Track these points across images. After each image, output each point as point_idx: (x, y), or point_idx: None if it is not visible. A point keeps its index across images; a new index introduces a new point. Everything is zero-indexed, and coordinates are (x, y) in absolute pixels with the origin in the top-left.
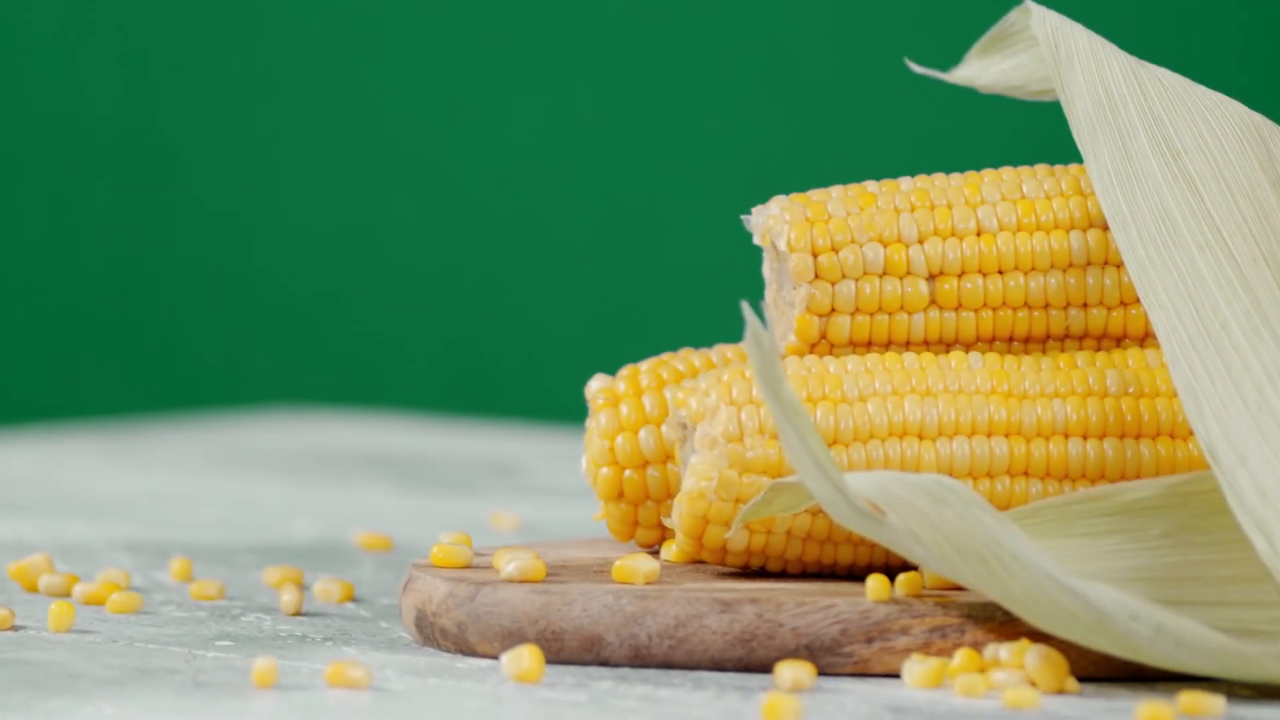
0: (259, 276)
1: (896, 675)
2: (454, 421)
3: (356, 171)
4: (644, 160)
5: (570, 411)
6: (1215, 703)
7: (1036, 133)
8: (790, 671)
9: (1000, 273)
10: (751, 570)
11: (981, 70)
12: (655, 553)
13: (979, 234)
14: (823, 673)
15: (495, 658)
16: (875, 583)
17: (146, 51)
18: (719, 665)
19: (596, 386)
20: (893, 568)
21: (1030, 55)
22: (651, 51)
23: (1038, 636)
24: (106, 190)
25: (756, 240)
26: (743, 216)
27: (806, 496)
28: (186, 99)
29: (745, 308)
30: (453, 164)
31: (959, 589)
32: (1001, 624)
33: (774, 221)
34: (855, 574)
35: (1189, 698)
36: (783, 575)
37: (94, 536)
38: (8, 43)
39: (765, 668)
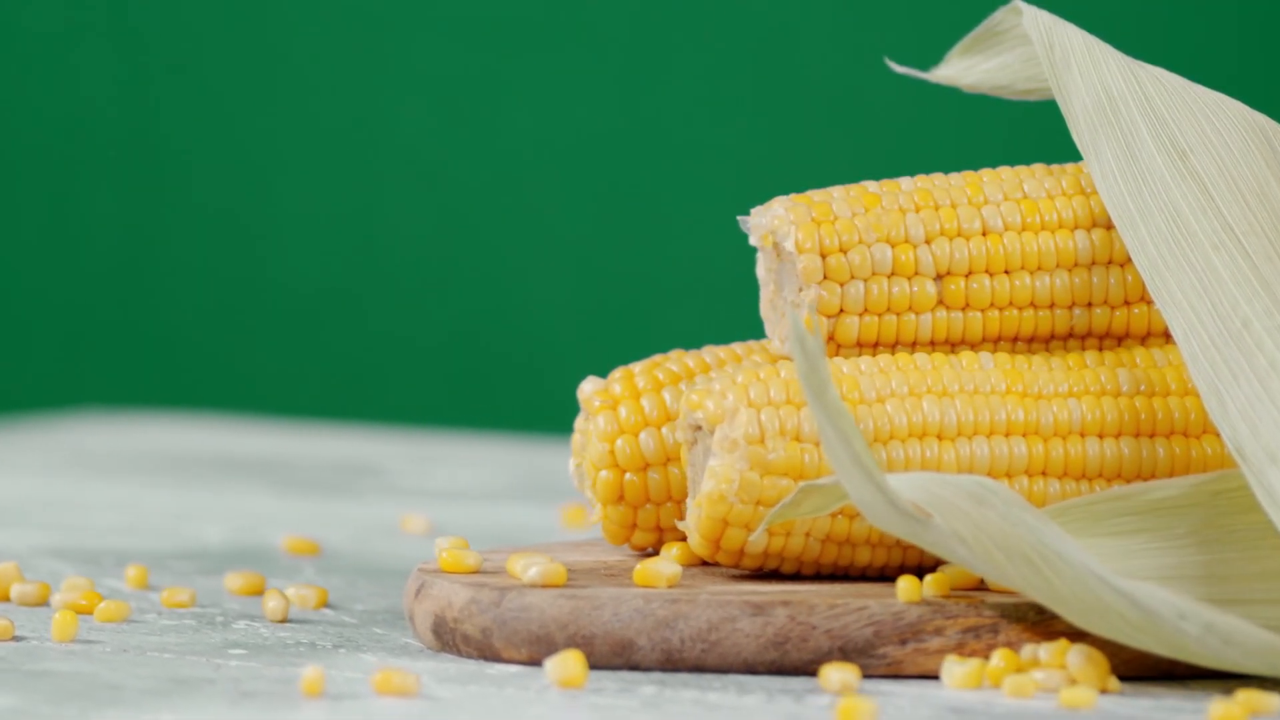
0: (259, 277)
1: (929, 676)
2: (280, 423)
3: (354, 170)
4: (637, 160)
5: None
6: (1272, 701)
7: (1027, 132)
8: (837, 674)
9: (1007, 272)
10: (765, 572)
11: (965, 70)
12: (653, 554)
13: (985, 234)
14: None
15: (521, 663)
16: (906, 584)
17: (146, 50)
18: (751, 668)
19: (591, 389)
20: (908, 568)
21: (1016, 55)
22: (650, 52)
23: (1073, 636)
24: (105, 190)
25: (754, 241)
26: (740, 218)
27: (837, 498)
28: (187, 98)
29: (789, 309)
30: (450, 163)
31: (985, 589)
32: (1034, 624)
33: (779, 222)
34: (869, 575)
35: (1247, 696)
36: (797, 577)
37: (12, 544)
38: (8, 43)
39: (798, 670)
